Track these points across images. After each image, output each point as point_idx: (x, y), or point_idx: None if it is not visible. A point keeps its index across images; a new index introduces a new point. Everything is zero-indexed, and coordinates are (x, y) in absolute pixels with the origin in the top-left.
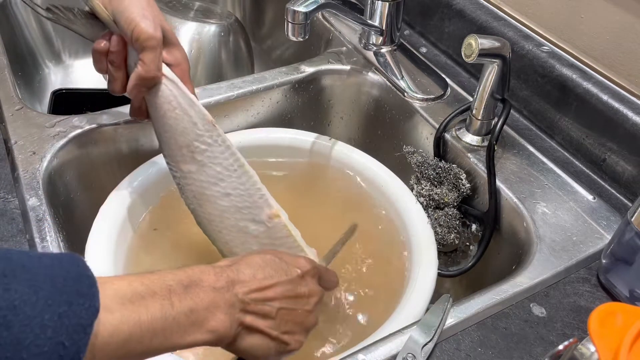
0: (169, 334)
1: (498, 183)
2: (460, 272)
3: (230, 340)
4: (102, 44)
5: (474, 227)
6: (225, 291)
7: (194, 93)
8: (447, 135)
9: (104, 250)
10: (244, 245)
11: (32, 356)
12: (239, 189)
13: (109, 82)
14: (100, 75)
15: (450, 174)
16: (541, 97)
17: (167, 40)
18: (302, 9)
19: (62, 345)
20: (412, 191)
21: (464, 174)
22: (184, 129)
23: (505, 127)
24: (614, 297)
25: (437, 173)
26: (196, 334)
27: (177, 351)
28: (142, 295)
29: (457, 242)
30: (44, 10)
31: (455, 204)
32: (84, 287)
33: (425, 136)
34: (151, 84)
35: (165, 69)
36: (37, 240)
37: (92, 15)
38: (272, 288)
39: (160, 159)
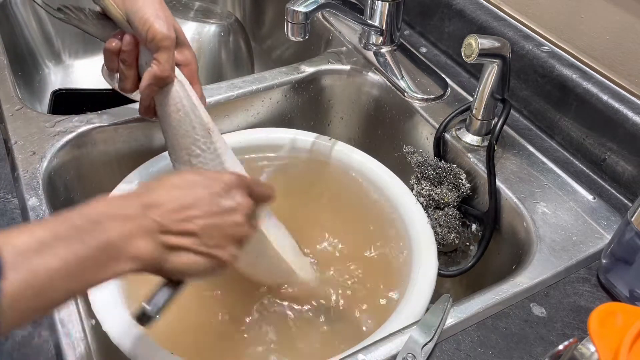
0: (88, 273)
1: (498, 183)
2: (460, 272)
3: (157, 264)
4: (114, 43)
5: (474, 227)
6: (140, 217)
7: (201, 93)
8: (447, 135)
9: None
10: None
11: None
12: None
13: (119, 81)
14: (100, 75)
15: (450, 174)
16: (541, 97)
17: (178, 41)
18: (302, 9)
19: None
20: (412, 191)
21: (464, 174)
22: (185, 131)
23: (505, 127)
24: (614, 297)
25: (437, 173)
26: (118, 265)
27: (175, 351)
28: (48, 242)
29: (457, 242)
30: (55, 10)
31: (455, 204)
32: None
33: (425, 136)
34: (164, 83)
35: (176, 71)
36: None
37: (104, 16)
38: (192, 206)
39: (160, 158)
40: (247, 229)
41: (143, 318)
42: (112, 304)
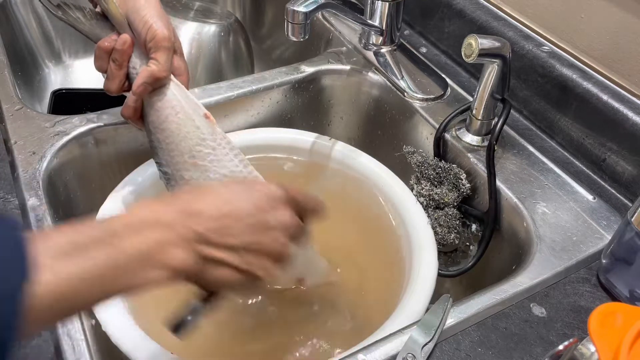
0: (121, 279)
1: (498, 183)
2: (460, 272)
3: (193, 274)
4: (107, 42)
5: (474, 227)
6: (178, 225)
7: None
8: (447, 135)
9: None
10: None
11: None
12: None
13: (106, 80)
14: (101, 75)
15: (450, 174)
16: (541, 97)
17: (175, 48)
18: (302, 9)
19: None
20: (412, 191)
21: (464, 174)
22: (186, 133)
23: (505, 127)
24: (614, 297)
25: (437, 173)
26: (152, 273)
27: (174, 351)
28: (83, 245)
29: (457, 242)
30: (55, 6)
31: (455, 204)
32: (9, 251)
33: (425, 136)
34: (159, 84)
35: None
36: None
37: (102, 16)
38: (236, 219)
39: None
40: (289, 248)
41: (176, 328)
42: (112, 304)
